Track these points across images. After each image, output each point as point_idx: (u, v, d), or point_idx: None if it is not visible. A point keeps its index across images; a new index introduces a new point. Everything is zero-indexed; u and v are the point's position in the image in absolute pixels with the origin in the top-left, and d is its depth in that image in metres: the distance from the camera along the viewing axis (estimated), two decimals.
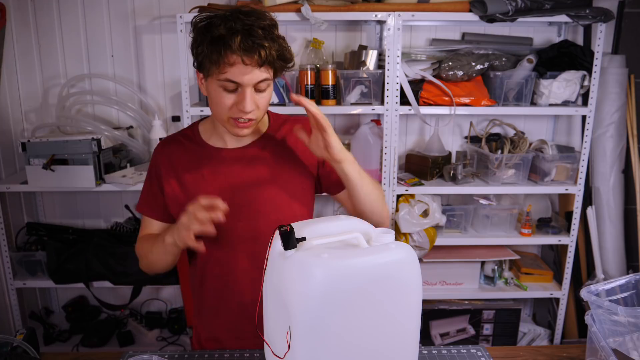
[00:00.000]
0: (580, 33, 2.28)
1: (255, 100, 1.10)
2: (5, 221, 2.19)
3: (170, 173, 1.23)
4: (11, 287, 2.22)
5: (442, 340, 2.34)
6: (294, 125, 1.27)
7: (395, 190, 2.16)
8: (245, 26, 1.04)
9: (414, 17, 2.00)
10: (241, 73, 1.05)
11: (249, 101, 1.08)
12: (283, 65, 1.11)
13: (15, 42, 2.28)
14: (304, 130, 1.15)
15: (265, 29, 1.05)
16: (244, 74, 1.06)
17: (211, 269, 1.23)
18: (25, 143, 2.06)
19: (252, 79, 1.06)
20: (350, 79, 2.07)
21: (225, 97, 1.09)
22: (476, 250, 2.33)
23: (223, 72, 1.06)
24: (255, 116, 1.12)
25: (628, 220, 2.38)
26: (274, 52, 1.06)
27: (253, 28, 1.04)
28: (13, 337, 1.15)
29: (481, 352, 1.18)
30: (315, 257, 0.84)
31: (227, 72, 1.06)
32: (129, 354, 1.16)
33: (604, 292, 1.06)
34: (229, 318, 1.24)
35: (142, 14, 2.28)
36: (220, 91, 1.09)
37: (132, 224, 2.38)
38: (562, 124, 2.44)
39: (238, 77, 1.06)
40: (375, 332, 0.89)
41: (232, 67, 1.05)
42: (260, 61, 1.05)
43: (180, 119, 2.25)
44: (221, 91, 1.09)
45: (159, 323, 2.48)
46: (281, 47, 1.08)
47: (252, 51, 1.03)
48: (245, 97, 1.08)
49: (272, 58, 1.06)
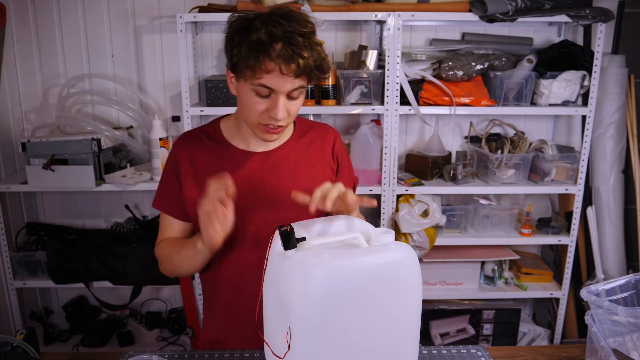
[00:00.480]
0: (580, 33, 2.28)
1: (287, 107, 1.07)
2: (5, 221, 2.19)
3: (189, 171, 1.19)
4: (11, 287, 2.22)
5: (442, 340, 2.34)
6: (320, 132, 1.27)
7: (395, 190, 2.16)
8: (286, 33, 1.00)
9: (414, 17, 2.00)
10: (277, 81, 1.03)
11: (282, 109, 1.05)
12: (319, 75, 1.08)
13: (15, 42, 2.28)
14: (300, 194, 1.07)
15: (305, 36, 1.03)
16: (279, 82, 1.03)
17: (226, 272, 1.21)
18: (25, 143, 2.06)
19: (287, 87, 1.04)
20: (350, 79, 2.07)
21: (257, 102, 1.07)
22: (476, 250, 2.33)
23: (258, 78, 1.03)
24: (286, 123, 1.10)
25: (628, 220, 2.38)
26: (312, 62, 1.03)
27: (294, 35, 1.01)
28: (13, 337, 1.15)
29: (481, 352, 1.18)
30: (315, 257, 0.84)
31: (263, 78, 1.03)
32: (129, 354, 1.16)
33: (604, 292, 1.06)
34: (242, 322, 1.22)
35: (142, 14, 2.29)
36: (252, 95, 1.06)
37: (132, 224, 2.38)
38: (562, 124, 2.44)
39: (274, 84, 1.03)
40: (376, 332, 0.89)
41: (268, 74, 1.02)
42: (298, 71, 1.02)
43: (180, 119, 2.25)
44: (253, 95, 1.06)
45: (159, 323, 2.48)
46: (319, 58, 1.06)
47: (291, 60, 1.00)
48: (278, 104, 1.05)
49: (310, 69, 1.03)
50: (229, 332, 1.25)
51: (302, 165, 1.22)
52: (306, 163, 1.23)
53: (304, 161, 1.23)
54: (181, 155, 1.20)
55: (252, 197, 1.17)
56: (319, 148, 1.25)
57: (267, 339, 0.98)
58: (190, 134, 1.24)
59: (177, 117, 2.28)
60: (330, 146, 1.27)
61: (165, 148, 2.14)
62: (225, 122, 1.25)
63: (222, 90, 2.04)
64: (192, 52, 2.22)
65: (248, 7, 2.00)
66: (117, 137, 2.23)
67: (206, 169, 1.19)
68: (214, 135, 1.22)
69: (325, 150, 1.26)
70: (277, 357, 0.90)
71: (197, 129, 1.25)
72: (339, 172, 1.29)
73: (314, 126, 1.29)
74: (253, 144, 1.21)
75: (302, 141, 1.25)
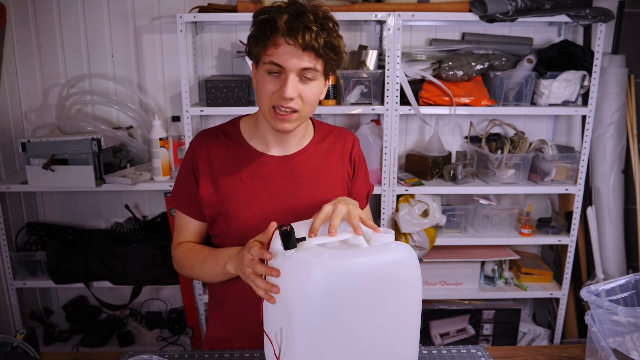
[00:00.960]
0: (580, 33, 2.28)
1: (299, 89, 1.05)
2: (5, 221, 2.19)
3: (207, 170, 1.17)
4: (11, 287, 2.22)
5: (442, 340, 2.34)
6: (339, 136, 1.26)
7: (395, 190, 2.16)
8: (297, 9, 1.02)
9: (413, 17, 2.00)
10: (285, 56, 1.02)
11: (291, 87, 1.03)
12: (331, 56, 1.06)
13: (15, 42, 2.28)
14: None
15: (317, 15, 1.02)
16: (288, 57, 1.02)
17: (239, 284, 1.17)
18: (25, 143, 2.06)
19: (296, 64, 1.03)
20: (350, 79, 2.07)
21: (268, 82, 1.06)
22: (476, 250, 2.33)
23: (268, 55, 1.03)
24: (298, 106, 1.06)
25: (628, 220, 2.38)
26: (322, 39, 1.02)
27: (305, 13, 1.01)
28: (13, 337, 1.15)
29: (481, 352, 1.18)
30: (316, 257, 0.84)
31: (272, 55, 1.03)
32: (129, 354, 1.16)
33: (604, 292, 1.06)
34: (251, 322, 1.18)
35: (142, 14, 2.28)
36: (265, 76, 1.06)
37: (132, 224, 2.38)
38: (562, 124, 2.44)
39: (282, 60, 1.02)
40: (376, 332, 0.89)
41: (276, 49, 1.02)
42: (303, 44, 1.00)
43: (180, 119, 2.25)
44: (266, 76, 1.06)
45: (159, 323, 2.48)
46: (330, 37, 1.04)
47: (296, 31, 1.00)
48: (287, 82, 1.03)
49: (318, 44, 1.01)
50: (238, 332, 1.24)
51: (321, 171, 1.21)
52: (324, 169, 1.22)
53: (322, 167, 1.22)
54: (200, 153, 1.18)
55: (269, 201, 1.16)
56: (338, 153, 1.24)
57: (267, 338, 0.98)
58: (209, 132, 1.22)
59: (177, 117, 2.28)
60: (349, 151, 1.27)
61: (165, 148, 2.14)
62: (246, 121, 1.23)
63: (222, 90, 2.04)
64: (192, 52, 2.22)
65: (248, 7, 2.00)
66: (117, 137, 2.23)
67: (223, 170, 1.17)
68: (232, 135, 1.21)
69: (343, 156, 1.26)
70: (277, 357, 0.90)
71: (216, 127, 1.24)
72: (354, 178, 1.28)
73: (333, 131, 1.28)
74: (272, 146, 1.19)
75: (321, 146, 1.23)
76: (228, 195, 1.16)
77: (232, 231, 1.16)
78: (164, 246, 2.18)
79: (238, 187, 1.16)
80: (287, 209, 1.16)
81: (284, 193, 1.17)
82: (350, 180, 1.27)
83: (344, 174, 1.25)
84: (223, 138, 1.20)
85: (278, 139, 1.18)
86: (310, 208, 1.16)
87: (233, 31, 2.29)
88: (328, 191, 1.20)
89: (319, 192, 1.19)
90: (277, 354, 0.91)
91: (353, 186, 1.28)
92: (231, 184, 1.16)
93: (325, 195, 1.18)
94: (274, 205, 1.16)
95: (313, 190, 1.18)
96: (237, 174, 1.17)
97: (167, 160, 2.15)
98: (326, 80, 1.13)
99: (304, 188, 1.18)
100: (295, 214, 1.15)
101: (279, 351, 0.91)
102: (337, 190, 1.22)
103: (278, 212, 1.15)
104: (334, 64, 1.09)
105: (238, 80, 2.05)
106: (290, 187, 1.17)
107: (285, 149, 1.20)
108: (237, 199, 1.15)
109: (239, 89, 2.04)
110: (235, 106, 2.05)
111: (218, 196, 1.16)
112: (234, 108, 2.05)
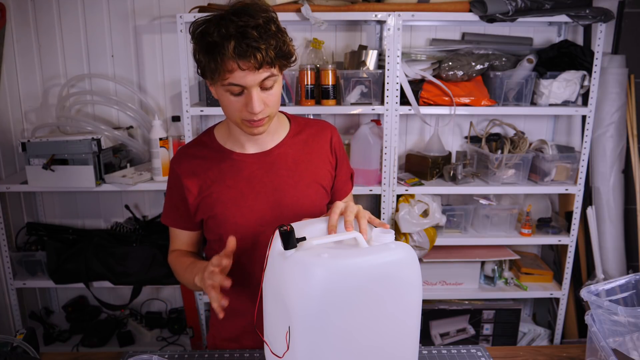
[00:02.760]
0: (580, 33, 2.28)
1: (263, 99, 1.07)
2: (5, 221, 2.19)
3: (193, 182, 1.20)
4: (11, 287, 2.22)
5: (442, 340, 2.34)
6: (316, 128, 1.27)
7: (395, 190, 2.16)
8: (238, 29, 1.00)
9: (414, 17, 2.00)
10: (242, 77, 1.03)
11: (257, 102, 1.05)
12: (284, 61, 1.08)
13: (15, 42, 2.28)
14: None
15: (259, 27, 1.02)
16: (245, 77, 1.03)
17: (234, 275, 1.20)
18: (25, 143, 2.07)
19: (254, 80, 1.04)
20: (350, 79, 2.07)
21: (233, 101, 1.08)
22: (476, 250, 2.33)
23: (225, 79, 1.04)
24: (268, 114, 1.09)
25: (628, 220, 2.38)
26: (272, 51, 1.03)
27: (247, 30, 1.00)
28: (13, 337, 1.15)
29: (481, 352, 1.18)
30: (315, 257, 0.84)
31: (229, 78, 1.04)
32: (129, 354, 1.17)
33: (604, 292, 1.06)
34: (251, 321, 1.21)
35: (142, 14, 2.29)
36: (227, 96, 1.08)
37: (132, 224, 2.38)
38: (562, 124, 2.44)
39: (240, 81, 1.04)
40: (376, 332, 0.89)
41: (231, 73, 1.03)
42: (257, 64, 1.02)
43: (180, 119, 2.25)
44: (228, 95, 1.07)
45: (159, 323, 2.48)
46: (279, 44, 1.05)
47: (246, 56, 1.00)
48: (252, 98, 1.05)
49: (270, 58, 1.03)
50: (242, 331, 1.26)
51: (301, 161, 1.23)
52: (304, 159, 1.23)
53: (302, 157, 1.23)
54: (180, 170, 1.22)
55: (254, 198, 1.18)
56: (317, 143, 1.26)
57: (266, 338, 0.98)
58: (186, 148, 1.26)
59: (177, 117, 2.27)
60: (328, 141, 1.28)
61: (165, 148, 2.14)
62: (219, 129, 1.26)
63: None
64: (192, 52, 2.22)
65: None
66: (117, 137, 2.23)
67: (208, 178, 1.20)
68: (209, 144, 1.24)
69: (323, 146, 1.27)
70: (277, 357, 0.90)
71: (192, 141, 1.27)
72: (338, 167, 1.29)
73: (310, 123, 1.29)
74: (248, 145, 1.21)
75: (299, 138, 1.25)
76: (215, 200, 1.18)
77: (224, 233, 1.18)
78: (164, 246, 2.19)
79: (223, 191, 1.19)
80: (274, 203, 1.18)
81: (268, 188, 1.19)
82: (334, 169, 1.29)
83: (325, 163, 1.26)
84: (201, 149, 1.23)
85: (251, 138, 1.21)
86: (295, 200, 1.19)
87: None
88: (311, 181, 1.23)
89: (301, 182, 1.21)
90: (273, 353, 0.91)
91: (338, 173, 1.30)
92: (216, 189, 1.19)
93: (309, 185, 1.22)
94: (260, 202, 1.18)
95: (296, 181, 1.20)
96: (221, 178, 1.20)
97: (167, 160, 2.15)
98: (282, 75, 1.15)
99: (287, 180, 1.20)
100: (281, 207, 1.18)
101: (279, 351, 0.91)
102: (320, 179, 1.24)
103: (265, 208, 1.18)
104: (289, 64, 1.11)
105: None
106: (273, 182, 1.19)
107: (260, 145, 1.22)
108: (224, 201, 1.18)
109: None
110: None
111: (206, 203, 1.20)
112: None
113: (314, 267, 0.83)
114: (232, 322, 1.26)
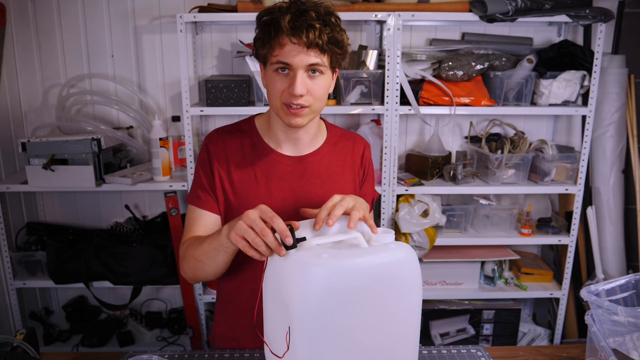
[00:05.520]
0: (580, 33, 2.28)
1: (308, 85, 1.07)
2: (5, 221, 2.19)
3: (223, 166, 1.19)
4: (11, 287, 2.22)
5: (442, 340, 2.33)
6: (351, 140, 1.28)
7: (395, 190, 2.16)
8: (299, 8, 1.03)
9: (413, 17, 2.00)
10: (291, 53, 1.04)
11: (299, 84, 1.05)
12: (336, 50, 1.08)
13: (15, 42, 2.28)
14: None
15: (319, 13, 1.04)
16: (293, 55, 1.04)
17: (250, 272, 1.19)
18: (25, 143, 2.06)
19: (302, 61, 1.05)
20: (350, 79, 2.07)
21: (277, 81, 1.08)
22: (476, 250, 2.33)
23: (275, 55, 1.05)
24: (308, 102, 1.09)
25: (628, 220, 2.38)
26: (325, 36, 1.04)
27: (307, 10, 1.03)
28: (13, 337, 1.15)
29: (481, 352, 1.19)
30: (316, 257, 0.84)
31: (279, 55, 1.05)
32: (129, 354, 1.16)
33: (604, 292, 1.06)
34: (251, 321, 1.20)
35: (142, 14, 2.28)
36: (273, 75, 1.08)
37: (132, 224, 2.38)
38: (562, 124, 2.44)
39: (288, 58, 1.04)
40: (376, 332, 0.89)
41: (282, 49, 1.04)
42: (308, 42, 1.02)
43: (180, 119, 2.25)
44: (274, 75, 1.08)
45: (159, 323, 2.48)
46: (333, 33, 1.06)
47: (300, 30, 1.02)
48: (296, 79, 1.05)
49: (322, 41, 1.03)
50: (244, 330, 1.24)
51: (333, 172, 1.22)
52: (337, 171, 1.23)
53: (334, 169, 1.23)
54: (215, 149, 1.19)
55: (280, 200, 1.17)
56: (350, 157, 1.26)
57: (266, 338, 0.98)
58: (224, 129, 1.24)
59: (177, 117, 2.28)
60: (360, 156, 1.28)
61: (165, 148, 2.14)
62: (259, 119, 1.25)
63: (222, 90, 2.04)
64: (192, 52, 2.22)
65: (248, 7, 2.00)
66: (117, 137, 2.23)
67: (238, 166, 1.18)
68: (248, 132, 1.22)
69: (355, 160, 1.27)
70: (276, 357, 0.90)
71: (231, 124, 1.25)
72: (362, 183, 1.29)
73: (346, 135, 1.30)
74: (285, 146, 1.20)
75: (335, 149, 1.25)
76: (241, 191, 1.17)
77: None
78: (164, 246, 2.18)
79: (252, 184, 1.17)
80: (297, 209, 1.16)
81: (297, 193, 1.18)
82: (359, 185, 1.29)
83: (355, 177, 1.27)
84: (239, 135, 1.22)
85: (290, 137, 1.19)
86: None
87: (233, 31, 2.29)
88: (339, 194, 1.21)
89: (330, 194, 1.18)
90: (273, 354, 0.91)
91: (360, 190, 1.29)
92: (246, 180, 1.18)
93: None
94: (285, 205, 1.17)
95: (325, 192, 1.19)
96: (252, 171, 1.18)
97: (167, 160, 2.15)
98: (333, 74, 1.16)
99: (316, 190, 1.19)
100: (304, 215, 1.15)
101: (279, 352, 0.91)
102: (347, 193, 1.22)
103: (289, 212, 1.16)
104: (339, 58, 1.12)
105: (238, 80, 2.05)
106: (302, 188, 1.19)
107: (297, 148, 1.21)
108: (250, 196, 1.16)
109: (239, 88, 2.04)
110: (235, 106, 2.05)
111: (232, 191, 1.18)
112: (234, 108, 2.05)
113: (314, 267, 0.83)
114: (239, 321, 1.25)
